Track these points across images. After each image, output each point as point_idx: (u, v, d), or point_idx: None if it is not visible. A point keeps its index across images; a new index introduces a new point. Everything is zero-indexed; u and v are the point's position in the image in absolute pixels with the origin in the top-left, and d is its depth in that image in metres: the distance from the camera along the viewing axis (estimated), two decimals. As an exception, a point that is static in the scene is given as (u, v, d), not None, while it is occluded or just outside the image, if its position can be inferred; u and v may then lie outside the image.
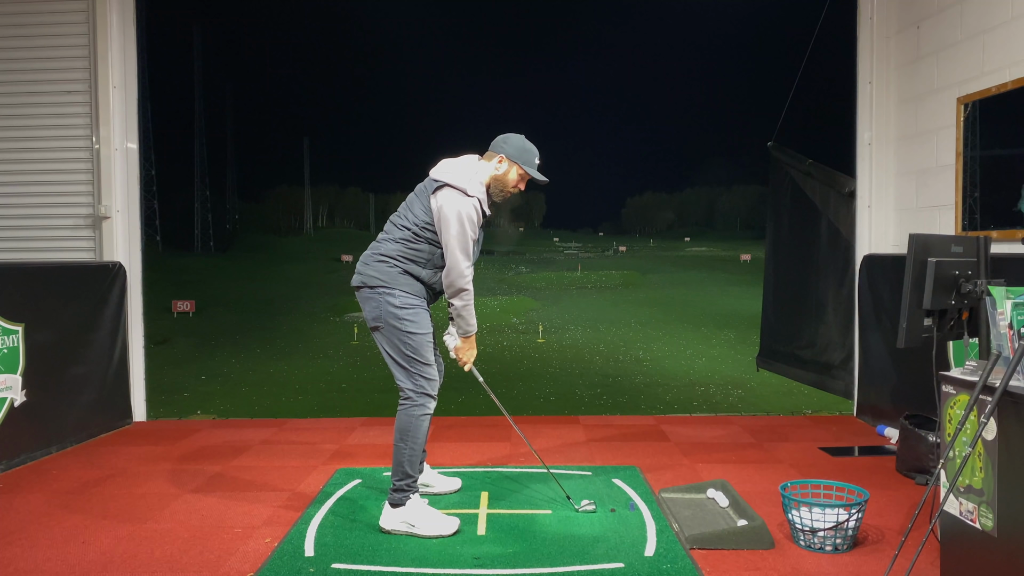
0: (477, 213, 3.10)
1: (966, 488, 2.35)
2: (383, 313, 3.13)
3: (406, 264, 3.14)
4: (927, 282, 2.62)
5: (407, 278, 3.15)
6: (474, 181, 3.13)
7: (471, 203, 3.08)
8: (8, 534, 3.15)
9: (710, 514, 3.24)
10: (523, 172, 3.21)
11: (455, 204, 3.06)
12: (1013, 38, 3.96)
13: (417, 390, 3.14)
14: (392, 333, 3.13)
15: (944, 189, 4.55)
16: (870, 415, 5.12)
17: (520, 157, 3.20)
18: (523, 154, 3.21)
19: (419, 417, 3.14)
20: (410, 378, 3.14)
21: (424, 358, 3.14)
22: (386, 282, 3.13)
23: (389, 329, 3.13)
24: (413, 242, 3.14)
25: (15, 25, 5.24)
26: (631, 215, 79.73)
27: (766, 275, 6.63)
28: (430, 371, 3.17)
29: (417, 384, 3.14)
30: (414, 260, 3.15)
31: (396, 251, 3.15)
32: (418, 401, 3.14)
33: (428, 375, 3.16)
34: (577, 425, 5.12)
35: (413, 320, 3.13)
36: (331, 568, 2.78)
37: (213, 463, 4.22)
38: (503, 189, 3.22)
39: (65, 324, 4.64)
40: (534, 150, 3.23)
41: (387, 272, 3.15)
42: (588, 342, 21.97)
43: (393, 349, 3.14)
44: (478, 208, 3.10)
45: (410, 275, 3.15)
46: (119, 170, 5.23)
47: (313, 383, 14.73)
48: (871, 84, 5.21)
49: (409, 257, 3.15)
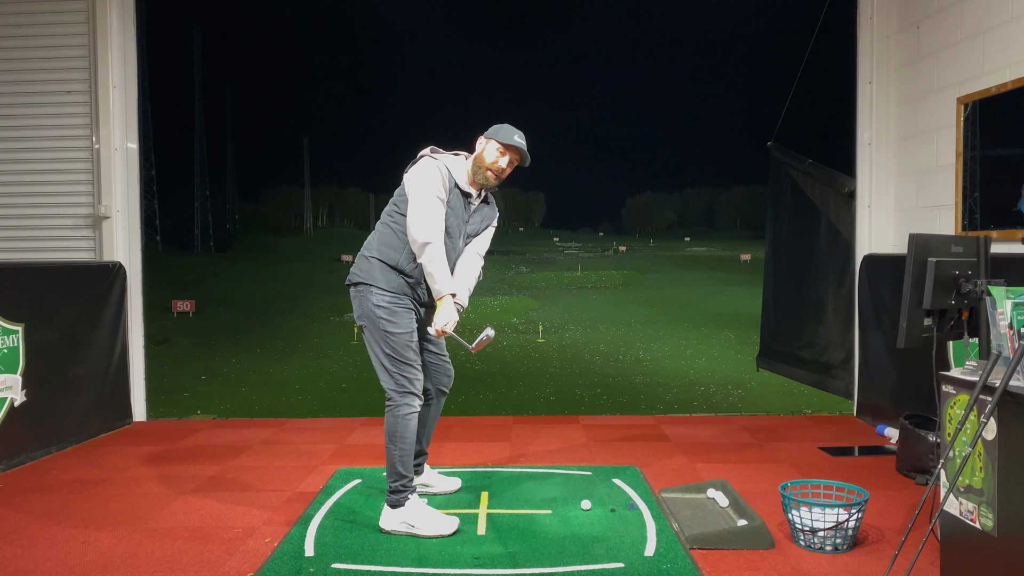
0: (440, 174, 3.11)
1: (966, 488, 2.35)
2: (365, 312, 3.15)
3: (383, 252, 3.15)
4: (927, 282, 2.62)
5: (386, 272, 3.14)
6: (447, 156, 3.20)
7: (435, 164, 3.13)
8: (8, 534, 3.15)
9: (710, 514, 3.24)
10: (500, 145, 3.19)
11: (420, 166, 3.15)
12: (1013, 38, 3.96)
13: (399, 390, 3.14)
14: (374, 332, 3.14)
15: (944, 189, 4.55)
16: (870, 415, 5.12)
17: (495, 133, 3.22)
18: (499, 131, 3.22)
19: (404, 417, 3.14)
20: (392, 378, 3.14)
21: (404, 357, 3.13)
22: (365, 280, 3.15)
23: (371, 328, 3.15)
24: (391, 223, 3.18)
25: (15, 25, 5.24)
26: (631, 215, 79.65)
27: (766, 275, 6.63)
28: (412, 370, 3.16)
29: (399, 384, 3.14)
30: (391, 246, 3.15)
31: (377, 239, 3.21)
32: (401, 401, 3.14)
33: (410, 374, 3.15)
34: (577, 425, 5.12)
35: (392, 320, 3.12)
36: (331, 568, 2.78)
37: (213, 463, 4.22)
38: (481, 166, 3.20)
39: (65, 324, 4.64)
40: (513, 128, 3.22)
41: (365, 268, 3.17)
42: (588, 342, 21.97)
43: (377, 348, 3.15)
44: (442, 170, 3.12)
45: (387, 266, 3.14)
46: (119, 170, 5.23)
47: (313, 383, 14.73)
48: (871, 84, 5.21)
49: (386, 243, 3.16)
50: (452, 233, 3.19)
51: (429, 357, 3.41)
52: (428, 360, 3.41)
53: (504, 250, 53.29)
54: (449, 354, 3.51)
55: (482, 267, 3.38)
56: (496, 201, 3.47)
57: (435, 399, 3.49)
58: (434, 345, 3.42)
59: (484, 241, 3.39)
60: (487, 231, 3.40)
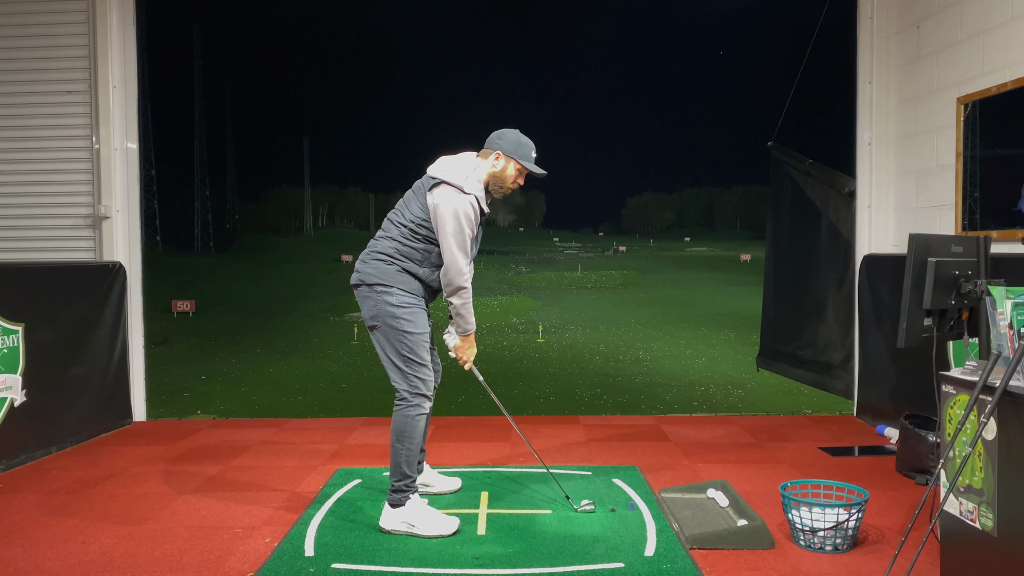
0: (474, 210, 3.08)
1: (966, 488, 2.35)
2: (380, 312, 3.12)
3: (403, 262, 3.14)
4: (927, 282, 2.62)
5: (405, 276, 3.14)
6: (472, 179, 3.11)
7: (468, 200, 3.06)
8: (8, 534, 3.15)
9: (710, 514, 3.24)
10: (520, 167, 3.19)
11: (452, 201, 3.04)
12: (1013, 38, 3.96)
13: (412, 390, 3.14)
14: (389, 332, 3.12)
15: (944, 189, 4.55)
16: (870, 415, 5.12)
17: (517, 152, 3.17)
18: (519, 148, 3.18)
19: (415, 417, 3.14)
20: (405, 378, 3.14)
21: (420, 358, 3.14)
22: (383, 280, 3.12)
23: (386, 328, 3.12)
24: (410, 240, 3.13)
25: (15, 25, 5.24)
26: (631, 215, 79.60)
27: (766, 275, 6.63)
28: (425, 371, 3.16)
29: (412, 384, 3.14)
30: (411, 258, 3.14)
31: (393, 249, 3.14)
32: (413, 402, 3.14)
33: (423, 375, 3.16)
34: (577, 425, 5.12)
35: (410, 319, 3.12)
36: (331, 568, 2.78)
37: (213, 463, 4.22)
38: (502, 186, 3.19)
39: (65, 324, 4.64)
40: (530, 144, 3.21)
41: (384, 270, 3.14)
42: (588, 342, 21.98)
43: (390, 348, 3.13)
44: (475, 205, 3.09)
45: (407, 273, 3.14)
46: (119, 170, 5.23)
47: (313, 383, 14.73)
48: (871, 84, 5.21)
49: (406, 255, 3.14)
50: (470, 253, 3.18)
51: None
52: None
53: (504, 250, 53.28)
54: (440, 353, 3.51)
55: None
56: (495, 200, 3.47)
57: None
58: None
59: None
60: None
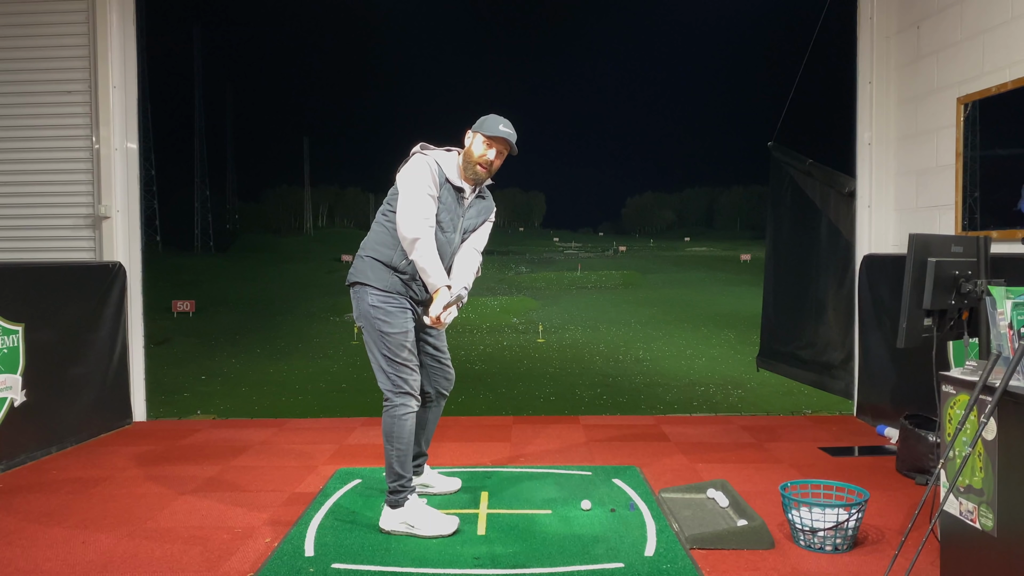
0: (431, 170, 3.12)
1: (966, 488, 2.35)
2: (362, 312, 3.17)
3: (377, 250, 3.17)
4: (927, 282, 2.62)
5: (380, 271, 3.15)
6: (438, 152, 3.21)
7: (425, 159, 3.14)
8: (8, 534, 3.15)
9: (710, 514, 3.24)
10: (485, 138, 3.18)
11: (410, 162, 3.17)
12: (1013, 38, 3.96)
13: (395, 390, 3.14)
14: (371, 332, 3.15)
15: (944, 189, 4.55)
16: (870, 415, 5.12)
17: (481, 126, 3.21)
18: (484, 122, 3.22)
19: (401, 417, 3.14)
20: (388, 378, 3.14)
21: (400, 357, 3.13)
22: (360, 279, 3.17)
23: (368, 328, 3.16)
24: (383, 222, 3.20)
25: (15, 25, 5.24)
26: (631, 215, 79.62)
27: (766, 275, 6.63)
28: (406, 371, 3.16)
29: (395, 384, 3.14)
30: (384, 244, 3.17)
31: (370, 239, 3.23)
32: (397, 401, 3.14)
33: (404, 374, 3.15)
34: (577, 425, 5.12)
35: (386, 320, 3.12)
36: (331, 568, 2.77)
37: (213, 463, 4.22)
38: (471, 161, 3.19)
39: (65, 324, 4.64)
40: (498, 118, 3.21)
41: (360, 268, 3.20)
42: (588, 342, 21.98)
43: (374, 348, 3.16)
44: (432, 166, 3.13)
45: (381, 264, 3.15)
46: (119, 170, 5.23)
47: (313, 383, 14.74)
48: (871, 84, 5.21)
49: (381, 241, 3.18)
50: (446, 228, 3.18)
51: (429, 360, 3.41)
52: (428, 363, 3.40)
53: (504, 250, 53.22)
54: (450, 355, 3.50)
55: (480, 263, 3.38)
56: (495, 200, 3.46)
57: (435, 402, 3.49)
58: (434, 348, 3.42)
59: (482, 236, 3.39)
60: (485, 226, 3.40)
